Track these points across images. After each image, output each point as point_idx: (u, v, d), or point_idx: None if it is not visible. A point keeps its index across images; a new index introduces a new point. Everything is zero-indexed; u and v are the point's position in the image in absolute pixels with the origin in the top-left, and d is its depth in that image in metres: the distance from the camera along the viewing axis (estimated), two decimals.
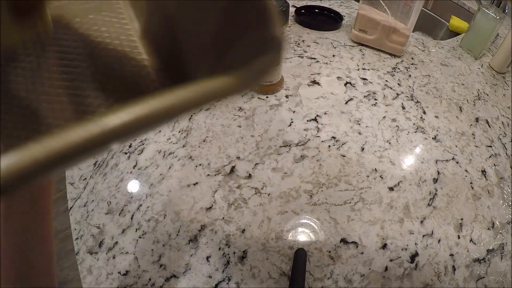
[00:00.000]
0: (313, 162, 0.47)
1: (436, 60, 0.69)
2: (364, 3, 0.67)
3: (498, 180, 0.47)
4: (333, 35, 0.73)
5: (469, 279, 0.37)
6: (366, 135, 0.51)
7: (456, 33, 0.87)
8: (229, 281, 0.36)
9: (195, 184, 0.44)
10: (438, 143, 0.51)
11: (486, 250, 0.40)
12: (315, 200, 0.42)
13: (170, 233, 0.39)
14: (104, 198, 0.43)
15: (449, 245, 0.40)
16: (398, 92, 0.59)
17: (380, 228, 0.40)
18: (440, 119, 0.55)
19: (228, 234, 0.39)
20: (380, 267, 0.37)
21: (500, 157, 0.50)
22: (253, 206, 0.42)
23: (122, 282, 0.36)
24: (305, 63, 0.64)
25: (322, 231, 0.40)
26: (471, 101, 0.60)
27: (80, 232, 0.40)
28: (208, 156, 0.47)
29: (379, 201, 0.43)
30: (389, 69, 0.65)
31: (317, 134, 0.51)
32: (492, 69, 0.69)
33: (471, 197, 0.45)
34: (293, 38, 0.71)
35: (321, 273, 0.37)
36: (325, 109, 0.55)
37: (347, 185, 0.44)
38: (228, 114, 0.53)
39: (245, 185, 0.44)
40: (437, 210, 0.43)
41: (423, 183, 0.45)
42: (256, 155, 0.47)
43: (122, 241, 0.39)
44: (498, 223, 0.42)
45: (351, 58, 0.67)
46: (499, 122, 0.57)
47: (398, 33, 0.65)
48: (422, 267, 0.38)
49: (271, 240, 0.39)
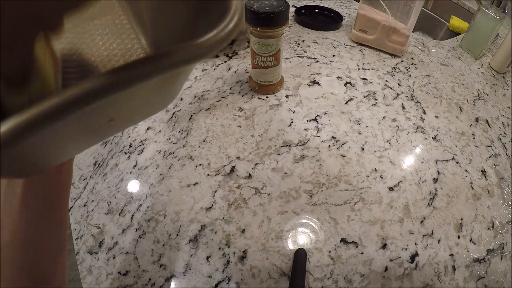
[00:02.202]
0: (313, 162, 0.47)
1: (436, 60, 0.69)
2: (364, 3, 0.67)
3: (498, 180, 0.47)
4: (333, 35, 0.73)
5: (469, 279, 0.37)
6: (366, 135, 0.51)
7: (456, 33, 0.87)
8: (229, 281, 0.36)
9: (195, 184, 0.44)
10: (438, 143, 0.51)
11: (486, 250, 0.40)
12: (315, 200, 0.42)
13: (170, 233, 0.39)
14: (104, 198, 0.43)
15: (449, 245, 0.40)
16: (398, 92, 0.59)
17: (380, 228, 0.40)
18: (440, 119, 0.55)
19: (228, 234, 0.39)
20: (380, 267, 0.37)
21: (500, 157, 0.50)
22: (253, 206, 0.42)
23: (122, 282, 0.36)
24: (305, 63, 0.64)
25: (322, 231, 0.40)
26: (471, 101, 0.60)
27: (80, 232, 0.40)
28: (208, 156, 0.47)
29: (379, 201, 0.43)
30: (389, 69, 0.65)
31: (317, 134, 0.51)
32: (492, 69, 0.69)
33: (471, 197, 0.45)
34: (293, 38, 0.71)
35: (321, 273, 0.37)
36: (325, 109, 0.55)
37: (347, 185, 0.44)
38: (228, 114, 0.53)
39: (245, 185, 0.44)
40: (437, 210, 0.43)
41: (423, 183, 0.45)
42: (256, 155, 0.47)
43: (122, 241, 0.39)
44: (498, 223, 0.42)
45: (351, 58, 0.67)
46: (499, 122, 0.57)
47: (398, 33, 0.65)
48: (422, 267, 0.38)
49: (271, 240, 0.39)
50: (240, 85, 0.58)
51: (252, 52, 0.51)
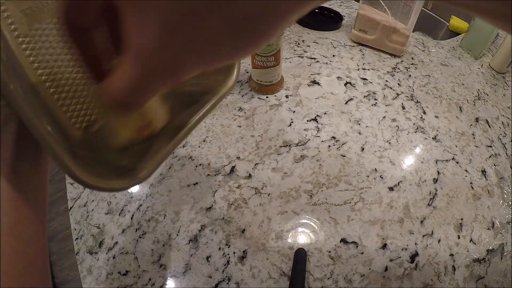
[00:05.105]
0: (313, 162, 0.47)
1: (436, 60, 0.69)
2: (364, 3, 0.67)
3: (498, 180, 0.47)
4: (333, 35, 0.73)
5: (469, 279, 0.37)
6: (366, 135, 0.51)
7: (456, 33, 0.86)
8: (229, 281, 0.36)
9: (195, 184, 0.44)
10: (438, 143, 0.51)
11: (486, 250, 0.40)
12: (315, 200, 0.42)
13: (170, 233, 0.39)
14: (104, 198, 0.43)
15: (449, 245, 0.40)
16: (398, 92, 0.59)
17: (380, 228, 0.40)
18: (440, 119, 0.55)
19: (228, 234, 0.39)
20: (380, 267, 0.37)
21: (500, 157, 0.50)
22: (253, 206, 0.42)
23: (122, 282, 0.36)
24: (305, 63, 0.64)
25: (322, 231, 0.40)
26: (471, 101, 0.60)
27: (80, 232, 0.40)
28: (208, 156, 0.47)
29: (379, 201, 0.43)
30: (389, 69, 0.65)
31: (317, 134, 0.51)
32: (492, 69, 0.69)
33: (471, 197, 0.45)
34: (293, 38, 0.71)
35: (321, 273, 0.37)
36: (325, 109, 0.55)
37: (347, 185, 0.44)
38: (228, 114, 0.53)
39: (245, 185, 0.44)
40: (437, 210, 0.43)
41: (423, 183, 0.45)
42: (256, 155, 0.47)
43: (122, 241, 0.39)
44: (498, 223, 0.42)
45: (351, 58, 0.67)
46: (499, 122, 0.57)
47: (398, 33, 0.65)
48: (422, 267, 0.38)
49: (271, 240, 0.39)
50: (240, 85, 0.58)
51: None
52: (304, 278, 0.35)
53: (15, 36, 0.18)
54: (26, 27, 0.18)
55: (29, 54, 0.19)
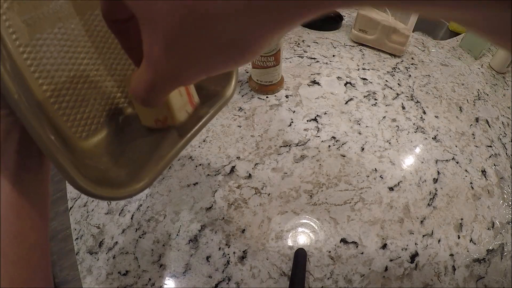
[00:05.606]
0: (313, 162, 0.47)
1: (436, 60, 0.69)
2: None
3: (498, 180, 0.47)
4: (333, 35, 0.73)
5: (469, 279, 0.37)
6: (366, 135, 0.51)
7: (456, 33, 0.86)
8: (229, 281, 0.36)
9: (195, 184, 0.44)
10: (438, 143, 0.51)
11: (486, 250, 0.40)
12: (315, 200, 0.42)
13: (170, 233, 0.39)
14: None
15: (449, 245, 0.40)
16: (398, 92, 0.59)
17: (380, 228, 0.40)
18: (440, 119, 0.55)
19: (228, 234, 0.39)
20: (380, 267, 0.37)
21: (500, 157, 0.50)
22: (253, 206, 0.42)
23: (122, 282, 0.36)
24: (305, 63, 0.64)
25: (322, 231, 0.40)
26: (471, 101, 0.60)
27: (80, 232, 0.40)
28: (208, 156, 0.47)
29: (379, 201, 0.43)
30: (389, 69, 0.65)
31: (317, 134, 0.51)
32: (492, 69, 0.69)
33: (471, 197, 0.45)
34: (293, 38, 0.71)
35: (321, 273, 0.37)
36: (325, 109, 0.55)
37: (347, 185, 0.44)
38: (228, 114, 0.53)
39: (245, 185, 0.44)
40: (437, 210, 0.43)
41: (423, 183, 0.45)
42: (256, 155, 0.47)
43: (122, 241, 0.39)
44: (498, 223, 0.42)
45: (351, 58, 0.67)
46: (499, 122, 0.57)
47: (398, 33, 0.65)
48: (422, 267, 0.38)
49: (271, 240, 0.39)
50: (240, 85, 0.58)
51: None
52: (304, 278, 0.35)
53: (16, 46, 0.18)
54: (27, 37, 0.18)
55: (31, 63, 0.19)
